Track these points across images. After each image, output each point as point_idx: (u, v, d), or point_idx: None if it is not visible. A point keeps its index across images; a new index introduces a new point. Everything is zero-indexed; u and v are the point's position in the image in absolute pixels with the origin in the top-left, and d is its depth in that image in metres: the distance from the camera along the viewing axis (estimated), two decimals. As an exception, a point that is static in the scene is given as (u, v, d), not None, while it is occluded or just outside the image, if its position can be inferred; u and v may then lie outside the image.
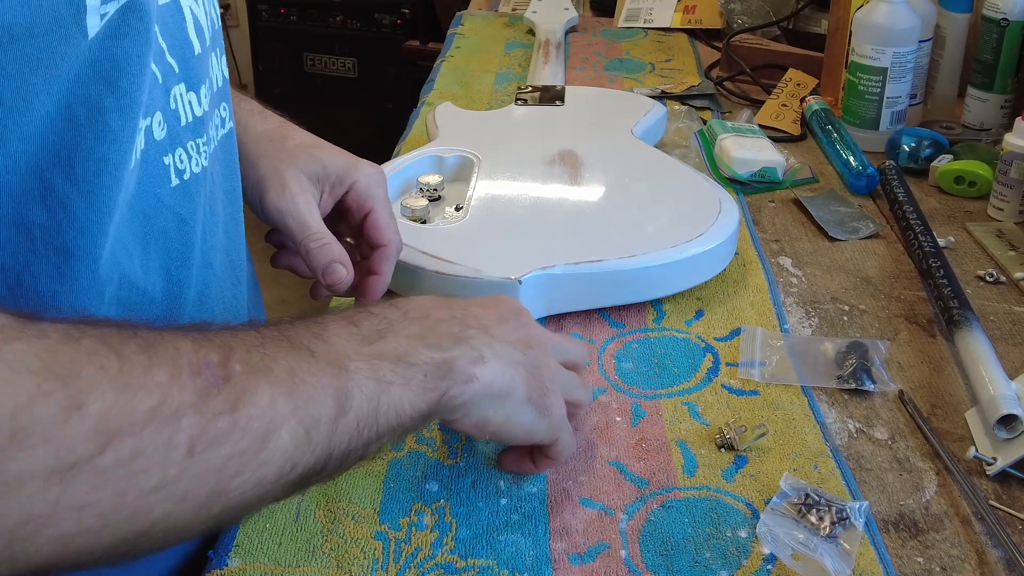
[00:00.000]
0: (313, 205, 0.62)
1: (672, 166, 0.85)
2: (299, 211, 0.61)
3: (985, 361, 0.63)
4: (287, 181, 0.62)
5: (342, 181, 0.64)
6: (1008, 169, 0.86)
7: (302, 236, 0.61)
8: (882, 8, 0.97)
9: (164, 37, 0.49)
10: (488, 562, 0.51)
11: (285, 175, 0.62)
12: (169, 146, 0.51)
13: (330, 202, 0.64)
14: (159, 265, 0.51)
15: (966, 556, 0.52)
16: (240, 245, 0.62)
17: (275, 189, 0.62)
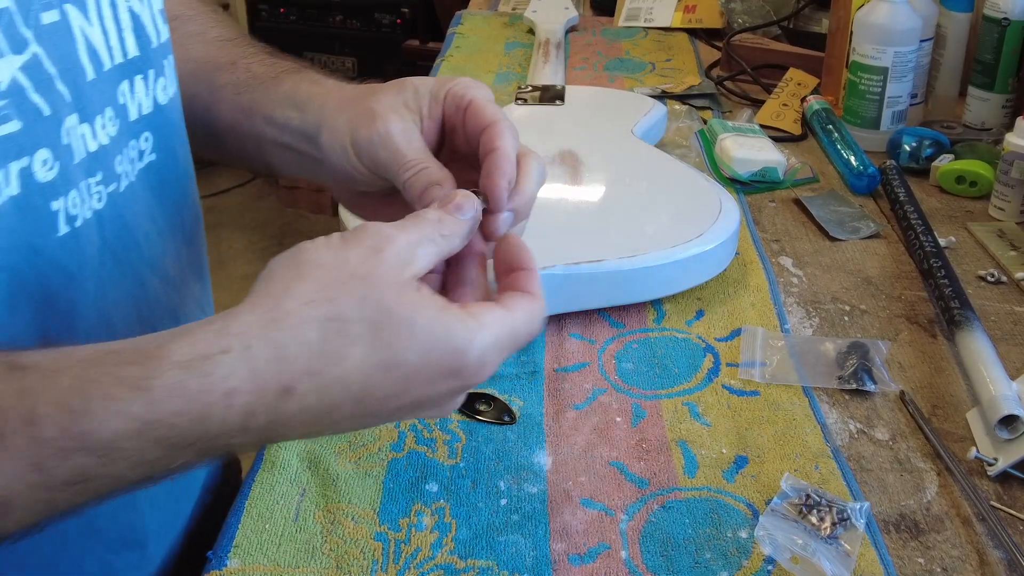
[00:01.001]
0: (412, 131, 0.52)
1: (672, 166, 0.85)
2: (391, 139, 0.51)
3: (986, 361, 0.63)
4: (376, 111, 0.52)
5: (436, 96, 0.53)
6: (1009, 169, 0.85)
7: (396, 167, 0.51)
8: (883, 8, 0.97)
9: (53, 62, 0.44)
10: (488, 563, 0.51)
11: (373, 107, 0.52)
12: (61, 188, 0.45)
13: (433, 127, 0.53)
14: (31, 326, 0.45)
15: (967, 557, 0.51)
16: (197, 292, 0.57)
17: (363, 125, 0.52)
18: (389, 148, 0.51)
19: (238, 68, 0.61)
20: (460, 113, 0.52)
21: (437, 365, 0.40)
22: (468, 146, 0.52)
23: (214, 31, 0.65)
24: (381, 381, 0.40)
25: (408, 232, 0.42)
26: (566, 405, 0.63)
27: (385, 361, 0.40)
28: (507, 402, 0.63)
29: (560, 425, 0.61)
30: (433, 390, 0.41)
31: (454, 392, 0.42)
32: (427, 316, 0.40)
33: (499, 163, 0.49)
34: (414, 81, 0.54)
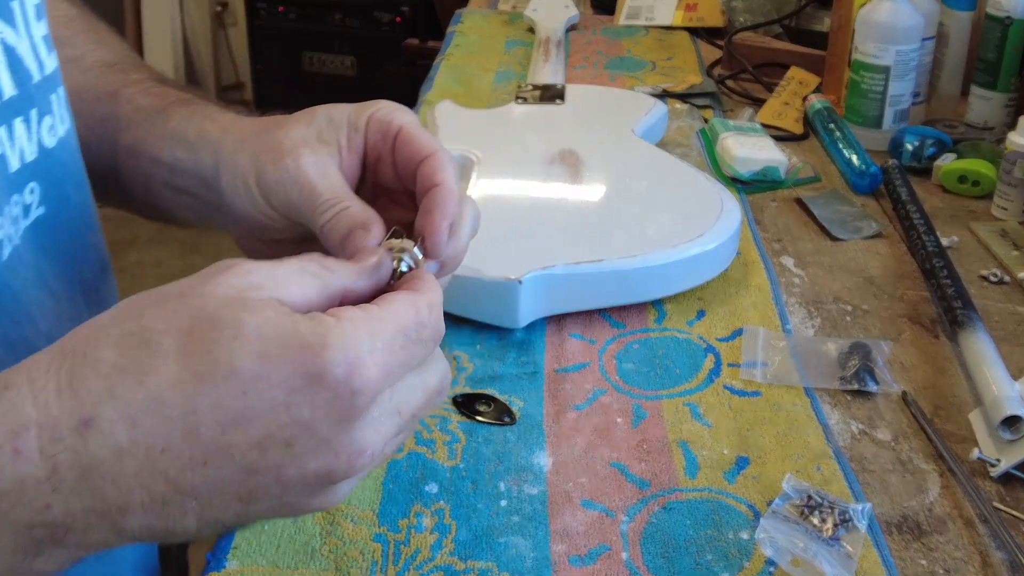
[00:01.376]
0: (329, 166, 0.45)
1: (673, 165, 0.85)
2: (304, 176, 0.44)
3: (989, 362, 0.63)
4: (284, 145, 0.45)
5: (356, 124, 0.46)
6: (1012, 168, 0.85)
7: (311, 210, 0.43)
8: (885, 6, 0.97)
9: None
10: (488, 564, 0.51)
11: (280, 140, 0.45)
12: None
13: (353, 160, 0.46)
14: None
15: (969, 558, 0.51)
16: None
17: (270, 161, 0.45)
18: (302, 186, 0.44)
19: (119, 100, 0.54)
20: (388, 142, 0.46)
21: (284, 373, 0.32)
22: (397, 180, 0.46)
23: (93, 55, 0.57)
24: (208, 400, 0.31)
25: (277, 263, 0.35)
26: (566, 406, 0.63)
27: (205, 371, 0.32)
28: (507, 403, 0.63)
29: (560, 426, 0.61)
30: (297, 411, 0.32)
31: (337, 415, 0.32)
32: (262, 316, 0.32)
33: (441, 201, 0.42)
34: (327, 109, 0.47)
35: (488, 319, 0.70)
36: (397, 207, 0.47)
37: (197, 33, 3.21)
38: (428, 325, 0.36)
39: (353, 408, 0.33)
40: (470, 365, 0.66)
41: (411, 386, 0.36)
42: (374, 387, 0.33)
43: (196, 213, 0.52)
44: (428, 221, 0.42)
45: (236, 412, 0.32)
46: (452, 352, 0.67)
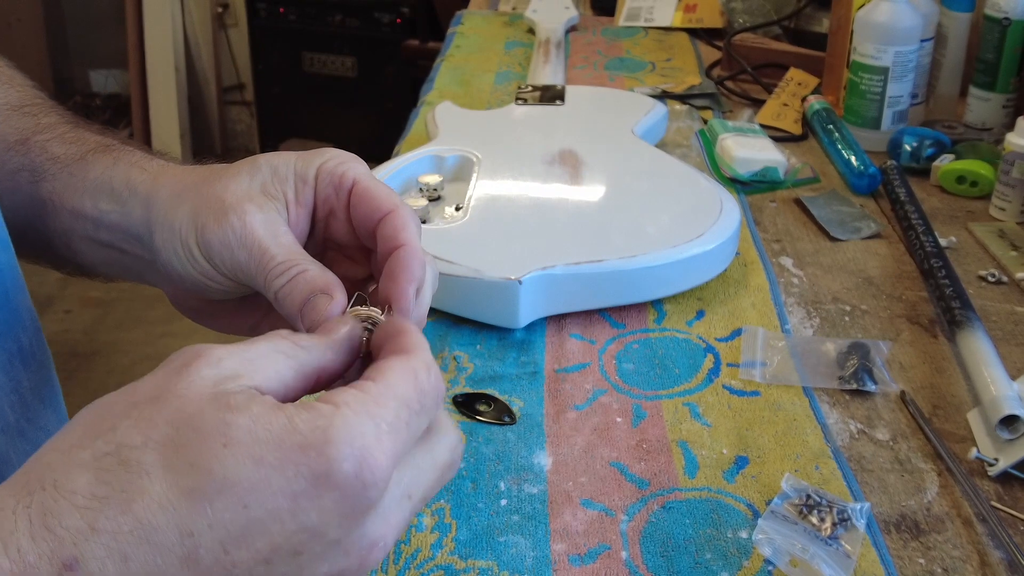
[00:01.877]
0: (277, 223, 0.41)
1: (673, 166, 0.85)
2: (252, 236, 0.40)
3: (987, 361, 0.63)
4: (226, 201, 0.41)
5: (304, 176, 0.43)
6: (1010, 169, 0.85)
7: (263, 274, 0.40)
8: (884, 7, 0.97)
9: None
10: (488, 563, 0.51)
11: (223, 194, 0.41)
12: None
13: (302, 213, 0.43)
14: None
15: (968, 557, 0.51)
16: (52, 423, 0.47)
17: (213, 220, 0.41)
18: (251, 248, 0.40)
19: (31, 148, 0.49)
20: (341, 196, 0.42)
21: (287, 477, 0.28)
22: (352, 235, 0.43)
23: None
24: (205, 520, 0.28)
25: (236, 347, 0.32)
26: (566, 405, 0.63)
27: (197, 487, 0.28)
28: (507, 402, 0.63)
29: (560, 425, 0.61)
30: (304, 516, 0.29)
31: (348, 515, 0.30)
32: (251, 413, 0.29)
33: (407, 264, 0.39)
34: (270, 159, 0.43)
35: (488, 319, 0.70)
36: (349, 261, 0.44)
37: (198, 34, 3.21)
38: (429, 391, 0.33)
39: (365, 504, 0.30)
40: (470, 365, 0.67)
41: (420, 467, 0.33)
42: (385, 477, 0.30)
43: (124, 268, 0.48)
44: (394, 286, 0.39)
45: (238, 528, 0.28)
46: (452, 352, 0.68)
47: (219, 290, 0.43)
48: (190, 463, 0.28)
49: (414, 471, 0.33)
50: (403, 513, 0.32)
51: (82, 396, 1.30)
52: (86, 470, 0.28)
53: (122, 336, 2.46)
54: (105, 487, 0.28)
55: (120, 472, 0.28)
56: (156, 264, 0.44)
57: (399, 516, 0.32)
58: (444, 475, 0.35)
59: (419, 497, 0.33)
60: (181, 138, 3.16)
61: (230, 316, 0.46)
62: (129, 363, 2.37)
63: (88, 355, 2.39)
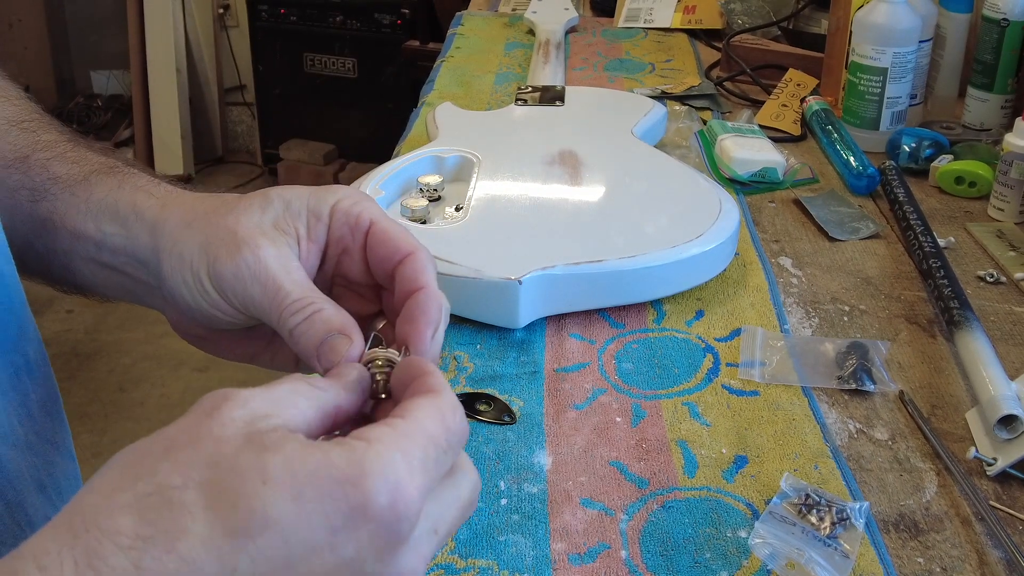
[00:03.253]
0: (290, 260, 0.41)
1: (672, 166, 0.85)
2: (266, 272, 0.40)
3: (985, 361, 0.63)
4: (239, 234, 0.41)
5: (318, 213, 0.42)
6: (1008, 169, 0.86)
7: (277, 311, 0.40)
8: (882, 8, 0.97)
9: None
10: (488, 562, 0.51)
11: (236, 227, 0.41)
12: None
13: (313, 249, 0.42)
14: None
15: (966, 556, 0.51)
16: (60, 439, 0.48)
17: (225, 250, 0.41)
18: (265, 284, 0.40)
19: (31, 167, 0.48)
20: (357, 237, 0.42)
21: (325, 512, 0.29)
22: (366, 275, 0.43)
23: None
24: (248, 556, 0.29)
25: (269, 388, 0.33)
26: (566, 405, 0.63)
27: (239, 525, 0.29)
28: (507, 402, 0.63)
29: (560, 425, 0.61)
30: (342, 550, 0.30)
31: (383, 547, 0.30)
32: (286, 452, 0.30)
33: (427, 307, 0.39)
34: (282, 193, 0.43)
35: (488, 319, 0.70)
36: (357, 297, 0.44)
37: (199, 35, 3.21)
38: (455, 431, 0.34)
39: (399, 537, 0.31)
40: (470, 365, 0.67)
41: (445, 502, 0.34)
42: (417, 510, 0.31)
43: (125, 291, 0.47)
44: (413, 329, 0.39)
45: (279, 563, 0.29)
46: (452, 352, 0.68)
47: (226, 321, 0.43)
48: (231, 502, 0.29)
49: (441, 506, 0.34)
50: (431, 547, 0.33)
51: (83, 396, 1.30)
52: (129, 511, 0.29)
53: (123, 336, 2.47)
54: (149, 527, 0.28)
55: (163, 512, 0.29)
56: (160, 290, 0.44)
57: (427, 549, 0.33)
58: (466, 512, 0.35)
59: (444, 532, 0.34)
60: (182, 139, 3.16)
61: (231, 344, 0.46)
62: (130, 363, 2.37)
63: (89, 355, 2.39)
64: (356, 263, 0.43)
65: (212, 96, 3.31)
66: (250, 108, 3.36)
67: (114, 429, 2.12)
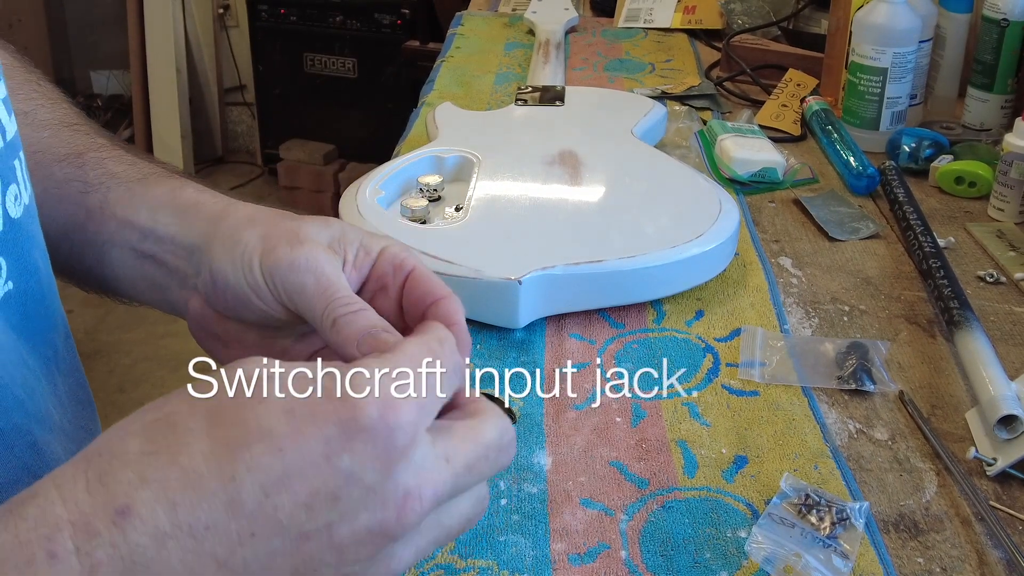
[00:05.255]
0: (338, 266, 0.44)
1: (672, 166, 0.85)
2: (321, 268, 0.42)
3: (985, 361, 0.63)
4: (301, 234, 0.44)
5: (367, 249, 0.45)
6: (1008, 169, 0.86)
7: (326, 301, 0.42)
8: (882, 8, 0.97)
9: None
10: (488, 563, 0.51)
11: (298, 230, 0.44)
12: None
13: (355, 279, 0.45)
14: None
15: (966, 557, 0.52)
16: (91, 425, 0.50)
17: (285, 243, 0.43)
18: (319, 275, 0.42)
19: (86, 163, 0.51)
20: (398, 277, 0.45)
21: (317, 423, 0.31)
22: (397, 315, 0.45)
23: (45, 111, 0.53)
24: (244, 464, 0.31)
25: None
26: (566, 405, 0.63)
27: (236, 437, 0.31)
28: (507, 402, 0.63)
29: (560, 425, 0.61)
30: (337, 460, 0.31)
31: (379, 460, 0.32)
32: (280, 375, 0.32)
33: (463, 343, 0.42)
34: (341, 224, 0.46)
35: (488, 319, 0.70)
36: None
37: (199, 35, 3.21)
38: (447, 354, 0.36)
39: (393, 447, 0.32)
40: (470, 365, 0.67)
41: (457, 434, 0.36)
42: (409, 420, 0.32)
43: (152, 285, 0.49)
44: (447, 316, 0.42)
45: (276, 472, 0.31)
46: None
47: (258, 310, 0.44)
48: (230, 420, 0.31)
49: (450, 437, 0.35)
50: (441, 474, 0.34)
51: (84, 396, 1.24)
52: (137, 435, 0.31)
53: (123, 336, 2.47)
54: (153, 444, 0.31)
55: (167, 432, 0.31)
56: (198, 277, 0.46)
57: (436, 475, 0.34)
58: (491, 454, 0.36)
59: (461, 463, 0.35)
60: (182, 139, 3.16)
61: (245, 349, 0.47)
62: (131, 363, 2.37)
63: (90, 355, 2.39)
64: (391, 303, 0.45)
65: (212, 96, 3.31)
66: (250, 108, 3.37)
67: (114, 429, 2.12)
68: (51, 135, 0.52)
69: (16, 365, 0.44)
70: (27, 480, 0.42)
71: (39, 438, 0.44)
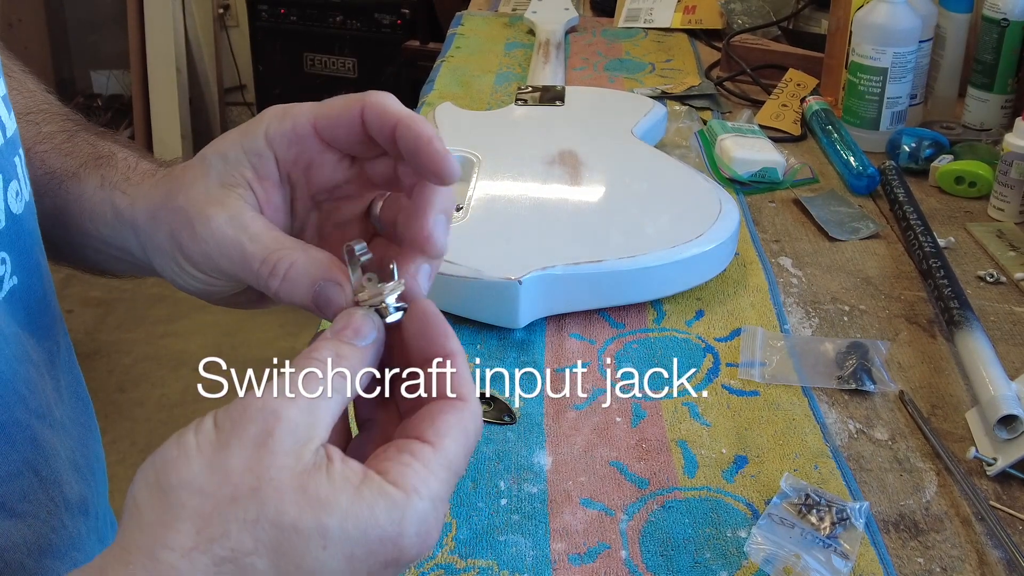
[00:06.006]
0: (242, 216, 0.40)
1: (672, 166, 0.85)
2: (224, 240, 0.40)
3: (985, 361, 0.63)
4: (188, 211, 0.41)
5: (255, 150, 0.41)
6: (1008, 169, 0.86)
7: (251, 274, 0.40)
8: (882, 8, 0.97)
9: None
10: (488, 563, 0.51)
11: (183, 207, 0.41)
12: None
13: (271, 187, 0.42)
14: None
15: (966, 556, 0.52)
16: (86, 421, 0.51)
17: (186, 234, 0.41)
18: (229, 253, 0.40)
19: (31, 160, 0.49)
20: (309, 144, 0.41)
21: (368, 565, 0.33)
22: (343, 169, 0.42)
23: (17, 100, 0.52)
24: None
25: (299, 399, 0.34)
26: (566, 405, 0.63)
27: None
28: (507, 402, 0.63)
29: (560, 425, 0.61)
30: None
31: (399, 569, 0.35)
32: (341, 512, 0.33)
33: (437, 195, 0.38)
34: (216, 147, 0.42)
35: (488, 319, 0.70)
36: (349, 201, 0.43)
37: (199, 35, 3.21)
38: (474, 441, 0.37)
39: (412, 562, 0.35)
40: (470, 365, 0.67)
41: None
42: (435, 541, 0.35)
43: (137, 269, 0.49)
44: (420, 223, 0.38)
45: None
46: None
47: (228, 288, 0.44)
48: (296, 564, 0.33)
49: None
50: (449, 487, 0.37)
51: (84, 396, 1.23)
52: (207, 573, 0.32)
53: (123, 336, 2.47)
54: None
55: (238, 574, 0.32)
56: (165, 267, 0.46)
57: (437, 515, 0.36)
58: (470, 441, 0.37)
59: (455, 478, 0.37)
60: (182, 139, 3.16)
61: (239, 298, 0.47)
62: (130, 363, 2.37)
63: (89, 355, 2.39)
64: (328, 166, 0.41)
65: (212, 96, 3.31)
66: (250, 108, 3.36)
67: (114, 429, 2.12)
68: None
69: (20, 360, 0.43)
70: (27, 475, 0.43)
71: (40, 433, 0.44)
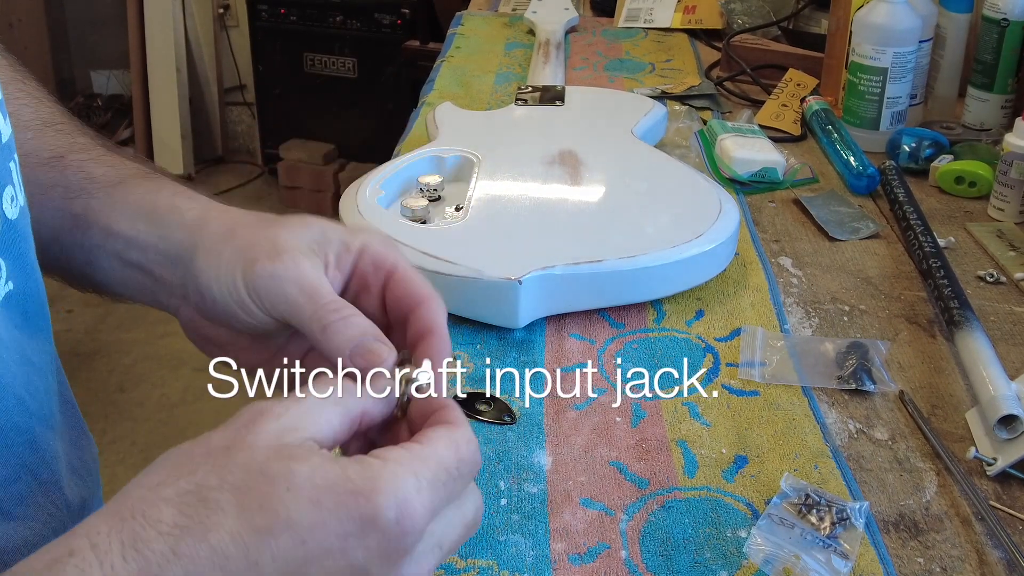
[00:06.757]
0: (322, 271, 0.44)
1: (672, 166, 0.85)
2: (304, 275, 0.43)
3: (985, 361, 0.63)
4: (280, 243, 0.44)
5: (348, 247, 0.45)
6: (1008, 169, 0.86)
7: (313, 307, 0.42)
8: (882, 8, 0.97)
9: None
10: (488, 562, 0.51)
11: (276, 239, 0.44)
12: None
13: (338, 279, 0.45)
14: None
15: (966, 556, 0.52)
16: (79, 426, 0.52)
17: (265, 254, 0.43)
18: (302, 284, 0.42)
19: (67, 166, 0.51)
20: (379, 277, 0.45)
21: (339, 518, 0.33)
22: (380, 313, 0.45)
23: (29, 111, 0.53)
24: (269, 552, 0.32)
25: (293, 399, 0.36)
26: (566, 405, 0.63)
27: (264, 525, 0.32)
28: (507, 402, 0.63)
29: (560, 425, 0.61)
30: (352, 554, 0.33)
31: (388, 556, 0.34)
32: (312, 463, 0.33)
33: (439, 349, 0.43)
34: (320, 221, 0.46)
35: (488, 319, 0.70)
36: None
37: (199, 35, 3.21)
38: (467, 460, 0.37)
39: (402, 548, 0.34)
40: (470, 365, 0.67)
41: (451, 521, 0.37)
42: (421, 527, 0.34)
43: (142, 290, 0.49)
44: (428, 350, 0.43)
45: (297, 561, 0.33)
46: (452, 352, 0.68)
47: (247, 322, 0.45)
48: (259, 504, 0.33)
49: (445, 525, 0.37)
50: (433, 560, 0.37)
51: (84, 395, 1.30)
52: (170, 504, 0.33)
53: (123, 336, 2.47)
54: (186, 519, 0.32)
55: (200, 508, 0.33)
56: (184, 288, 0.47)
57: (430, 562, 0.36)
58: (469, 531, 0.39)
59: (447, 548, 0.37)
60: (182, 139, 3.16)
61: (240, 351, 0.48)
62: (131, 363, 2.37)
63: (89, 355, 2.39)
64: (373, 301, 0.45)
65: (212, 96, 3.31)
66: (250, 108, 3.36)
67: (114, 429, 2.12)
68: (34, 136, 0.52)
69: (19, 364, 0.44)
70: (26, 478, 0.43)
71: (38, 436, 0.45)
